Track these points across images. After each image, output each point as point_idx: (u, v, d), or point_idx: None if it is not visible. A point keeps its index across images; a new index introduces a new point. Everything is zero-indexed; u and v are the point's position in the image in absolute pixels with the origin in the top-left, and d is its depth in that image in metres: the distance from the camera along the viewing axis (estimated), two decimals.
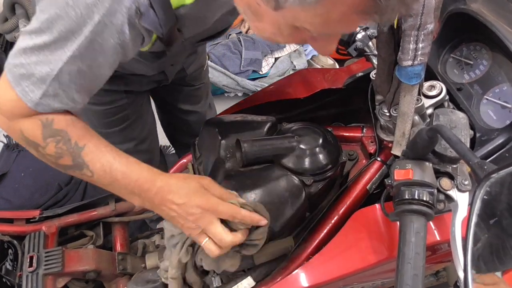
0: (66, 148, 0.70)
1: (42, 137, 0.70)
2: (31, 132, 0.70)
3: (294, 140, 0.86)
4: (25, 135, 0.70)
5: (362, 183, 0.88)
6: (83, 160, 0.70)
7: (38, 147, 0.70)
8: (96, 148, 0.71)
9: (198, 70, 1.34)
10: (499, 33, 0.82)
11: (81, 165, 0.70)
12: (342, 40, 0.91)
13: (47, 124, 0.70)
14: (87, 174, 0.71)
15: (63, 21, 0.61)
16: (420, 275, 0.59)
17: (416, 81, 0.71)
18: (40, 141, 0.70)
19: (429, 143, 0.63)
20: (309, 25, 0.54)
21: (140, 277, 0.97)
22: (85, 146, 0.71)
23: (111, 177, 0.71)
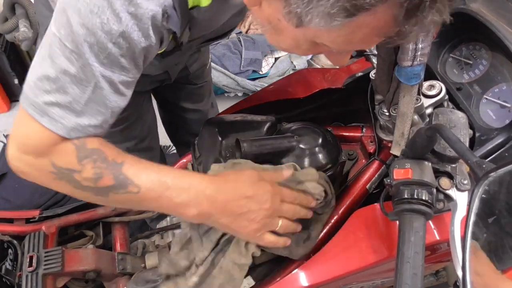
0: (105, 166, 0.65)
1: (77, 160, 0.64)
2: (64, 158, 0.64)
3: (294, 140, 0.86)
4: (57, 165, 0.64)
5: (361, 182, 0.88)
6: (125, 176, 0.65)
7: (74, 174, 0.64)
8: (136, 162, 0.67)
9: (201, 68, 1.34)
10: (498, 33, 0.82)
11: (125, 182, 0.65)
12: None
13: (81, 146, 0.65)
14: (133, 190, 0.65)
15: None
16: (419, 274, 0.59)
17: (416, 82, 0.71)
18: (75, 165, 0.64)
19: (428, 142, 0.63)
20: (330, 43, 0.55)
21: (140, 277, 0.97)
22: (124, 162, 0.66)
23: (161, 187, 0.66)
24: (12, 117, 2.44)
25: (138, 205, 0.69)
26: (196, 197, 0.67)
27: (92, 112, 0.64)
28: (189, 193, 0.67)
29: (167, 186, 0.66)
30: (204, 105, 1.46)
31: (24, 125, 0.64)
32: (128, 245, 1.12)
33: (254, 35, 2.49)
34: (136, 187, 0.65)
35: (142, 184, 0.65)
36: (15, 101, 2.52)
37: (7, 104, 2.47)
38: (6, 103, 2.46)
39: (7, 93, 2.46)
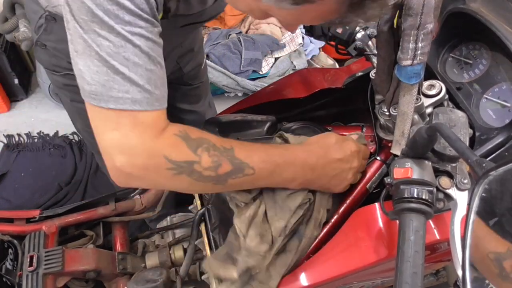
0: (219, 153, 0.66)
1: (191, 150, 0.64)
2: (177, 151, 0.64)
3: None
4: (173, 159, 0.63)
5: (361, 182, 0.88)
6: (240, 160, 0.67)
7: (194, 165, 0.64)
8: (243, 145, 0.69)
9: (196, 68, 1.34)
10: (498, 33, 0.82)
11: (241, 166, 0.67)
12: (342, 40, 0.91)
13: (185, 136, 0.65)
14: (249, 172, 0.67)
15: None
16: (420, 273, 0.59)
17: (416, 81, 0.71)
18: (193, 157, 0.64)
19: (428, 141, 0.63)
20: (280, 18, 0.61)
21: (140, 277, 0.97)
22: (233, 147, 0.67)
23: (272, 165, 0.69)
24: (12, 117, 2.44)
25: (250, 185, 0.71)
26: (301, 169, 0.73)
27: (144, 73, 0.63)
28: (295, 166, 0.72)
29: (277, 163, 0.70)
30: (201, 106, 1.46)
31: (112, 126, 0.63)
32: (128, 245, 1.13)
33: (254, 35, 2.49)
34: (252, 169, 0.67)
35: (255, 165, 0.68)
36: (15, 101, 2.53)
37: (7, 104, 2.47)
38: (6, 103, 2.46)
39: (7, 93, 2.46)
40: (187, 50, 1.26)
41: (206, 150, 0.65)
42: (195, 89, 1.39)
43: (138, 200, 1.16)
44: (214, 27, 2.61)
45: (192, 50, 1.27)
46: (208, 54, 2.39)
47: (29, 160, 2.16)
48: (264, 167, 0.69)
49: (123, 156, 0.63)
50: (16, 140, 2.27)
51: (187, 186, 0.67)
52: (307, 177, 0.74)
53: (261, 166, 0.68)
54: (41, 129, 2.32)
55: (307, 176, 0.74)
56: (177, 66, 1.25)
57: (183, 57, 1.25)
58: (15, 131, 2.30)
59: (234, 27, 2.60)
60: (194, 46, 1.29)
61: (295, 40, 2.51)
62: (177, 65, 1.25)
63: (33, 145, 2.24)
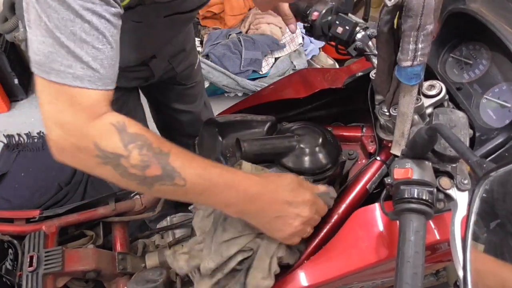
0: (151, 154, 0.62)
1: (122, 144, 0.61)
2: (107, 141, 0.61)
3: (294, 139, 0.86)
4: (102, 147, 0.61)
5: (361, 182, 0.88)
6: (173, 168, 0.63)
7: (121, 159, 0.61)
8: (181, 153, 0.65)
9: (189, 68, 1.34)
10: (498, 33, 0.82)
11: (172, 173, 0.63)
12: (342, 40, 0.91)
13: (121, 127, 0.62)
14: (180, 183, 0.63)
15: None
16: (420, 274, 0.59)
17: (416, 82, 0.71)
18: (122, 150, 0.61)
19: (429, 142, 0.63)
20: None
21: (140, 277, 0.97)
22: (170, 152, 0.64)
23: (207, 182, 0.65)
24: (12, 117, 2.44)
25: (181, 197, 0.67)
26: (240, 196, 0.68)
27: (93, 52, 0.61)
28: (232, 191, 0.67)
29: (213, 182, 0.65)
30: (196, 106, 1.46)
31: (51, 99, 0.62)
32: (128, 245, 1.13)
33: (254, 35, 2.49)
34: (183, 180, 0.63)
35: (188, 178, 0.64)
36: (15, 101, 2.53)
37: (7, 104, 2.47)
38: (6, 103, 2.46)
39: (7, 93, 2.46)
40: (179, 50, 1.26)
41: (138, 148, 0.62)
42: (190, 89, 1.39)
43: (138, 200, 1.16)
44: (214, 27, 2.61)
45: (184, 50, 1.27)
46: (208, 54, 2.39)
47: (29, 160, 2.16)
48: (197, 182, 0.64)
49: (58, 130, 0.62)
50: (16, 140, 2.27)
51: (111, 178, 0.64)
52: (245, 207, 0.69)
53: (194, 180, 0.64)
54: (41, 129, 2.32)
55: (245, 206, 0.69)
56: (169, 66, 1.25)
57: (175, 57, 1.25)
58: (15, 131, 2.30)
59: (234, 27, 2.60)
60: (185, 46, 1.28)
61: (295, 40, 2.51)
62: (169, 65, 1.25)
63: (33, 145, 2.24)
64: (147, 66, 1.13)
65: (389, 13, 0.66)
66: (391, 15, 0.67)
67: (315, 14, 0.94)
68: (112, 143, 0.61)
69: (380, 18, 0.68)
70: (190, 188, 0.64)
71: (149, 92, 1.39)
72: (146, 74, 1.16)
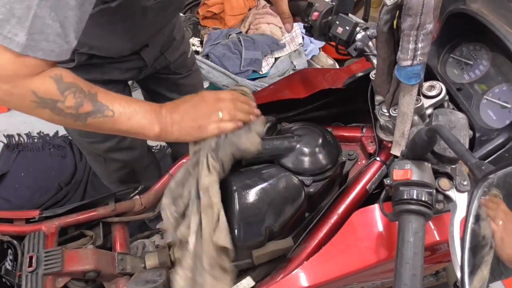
0: (83, 96, 0.73)
1: (59, 92, 0.71)
2: (45, 89, 0.70)
3: (294, 140, 0.86)
4: (39, 95, 0.70)
5: (361, 183, 0.88)
6: (101, 103, 0.75)
7: (57, 103, 0.71)
8: (106, 92, 0.77)
9: (182, 57, 1.35)
10: (499, 33, 0.82)
11: (102, 107, 0.74)
12: (342, 40, 0.91)
13: (58, 79, 0.71)
14: (109, 114, 0.75)
15: None
16: (419, 275, 0.59)
17: (416, 81, 0.71)
18: (58, 96, 0.71)
19: (428, 143, 0.63)
20: None
21: (140, 277, 0.97)
22: (97, 92, 0.75)
23: (130, 112, 0.77)
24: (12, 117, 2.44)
25: (110, 128, 0.77)
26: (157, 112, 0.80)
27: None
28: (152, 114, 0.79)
29: (135, 110, 0.77)
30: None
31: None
32: (128, 245, 1.12)
33: (254, 35, 2.49)
34: (111, 111, 0.75)
35: (115, 109, 0.76)
36: None
37: None
38: None
39: None
40: (170, 40, 1.28)
41: (72, 93, 0.72)
42: (185, 78, 1.40)
43: (137, 200, 1.16)
44: (214, 27, 2.61)
45: (174, 39, 1.30)
46: (208, 54, 2.39)
47: (29, 160, 2.16)
48: (123, 112, 0.76)
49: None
50: (16, 140, 2.27)
51: (48, 118, 0.73)
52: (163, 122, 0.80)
53: (120, 110, 0.76)
54: (41, 129, 2.32)
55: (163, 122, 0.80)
56: (162, 56, 1.27)
57: (167, 46, 1.27)
58: (15, 131, 2.30)
59: (234, 27, 2.59)
60: (176, 35, 1.31)
61: (295, 40, 2.50)
62: (161, 55, 1.27)
63: (33, 145, 2.24)
64: (138, 55, 1.14)
65: (389, 12, 0.66)
66: (391, 14, 0.67)
67: (315, 14, 0.94)
68: (50, 92, 0.71)
69: (380, 18, 0.68)
70: (118, 117, 0.76)
71: (146, 86, 1.39)
72: (139, 64, 1.17)
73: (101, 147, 1.31)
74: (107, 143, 1.27)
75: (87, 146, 1.34)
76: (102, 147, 1.31)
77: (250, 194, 0.78)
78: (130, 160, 1.40)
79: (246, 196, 0.78)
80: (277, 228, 0.81)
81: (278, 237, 0.84)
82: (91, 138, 1.28)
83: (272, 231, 0.80)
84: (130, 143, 1.35)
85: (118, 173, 1.46)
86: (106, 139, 1.27)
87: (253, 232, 0.79)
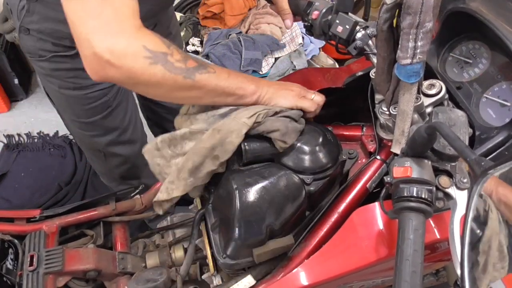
0: (186, 54, 0.76)
1: (165, 45, 0.73)
2: (154, 43, 0.72)
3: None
4: (150, 48, 0.71)
5: (362, 181, 0.88)
6: (202, 61, 0.78)
7: (167, 56, 0.72)
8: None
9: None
10: (498, 32, 0.82)
11: (204, 64, 0.77)
12: (342, 39, 0.91)
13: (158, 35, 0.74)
14: (211, 70, 0.78)
15: None
16: (419, 272, 0.59)
17: (415, 80, 0.71)
18: (166, 49, 0.73)
19: (428, 140, 0.63)
20: None
21: (140, 276, 0.97)
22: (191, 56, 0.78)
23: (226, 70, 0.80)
24: (12, 117, 2.45)
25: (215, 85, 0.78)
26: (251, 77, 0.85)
27: None
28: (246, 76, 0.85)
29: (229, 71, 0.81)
30: None
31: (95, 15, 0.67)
32: (129, 244, 1.13)
33: (254, 35, 2.49)
34: (212, 69, 0.78)
35: (216, 68, 0.79)
36: (15, 101, 2.53)
37: (7, 104, 2.47)
38: (6, 103, 2.46)
39: (7, 93, 2.47)
40: (167, 34, 1.29)
41: (176, 49, 0.75)
42: None
43: (138, 200, 1.16)
44: (214, 27, 2.62)
45: (170, 34, 1.31)
46: (208, 54, 2.39)
47: (29, 160, 2.16)
48: (222, 70, 0.80)
49: (104, 42, 0.68)
50: (16, 140, 2.27)
51: (160, 77, 0.73)
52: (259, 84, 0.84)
53: (219, 70, 0.79)
54: (41, 129, 2.32)
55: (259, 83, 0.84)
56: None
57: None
58: (15, 131, 2.31)
59: (234, 27, 2.60)
60: (172, 29, 1.33)
61: (295, 40, 2.51)
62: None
63: (33, 145, 2.24)
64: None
65: (389, 11, 0.66)
66: (391, 13, 0.67)
67: (315, 13, 0.94)
68: (158, 45, 0.72)
69: (380, 16, 0.68)
70: (219, 74, 0.78)
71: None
72: None
73: (102, 141, 1.31)
74: (108, 136, 1.28)
75: (88, 140, 1.34)
76: (103, 141, 1.31)
77: (250, 193, 0.78)
78: (130, 154, 1.40)
79: (247, 195, 0.78)
80: (277, 227, 0.81)
81: (278, 236, 0.84)
82: (91, 132, 1.28)
83: (273, 229, 0.80)
84: (131, 136, 1.36)
85: (119, 169, 1.46)
86: (106, 132, 1.27)
87: (253, 230, 0.79)
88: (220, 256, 0.84)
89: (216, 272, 0.91)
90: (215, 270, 0.91)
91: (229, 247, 0.82)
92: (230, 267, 0.84)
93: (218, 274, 0.92)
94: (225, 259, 0.83)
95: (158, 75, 0.72)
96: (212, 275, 0.92)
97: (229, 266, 0.83)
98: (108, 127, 1.27)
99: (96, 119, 1.22)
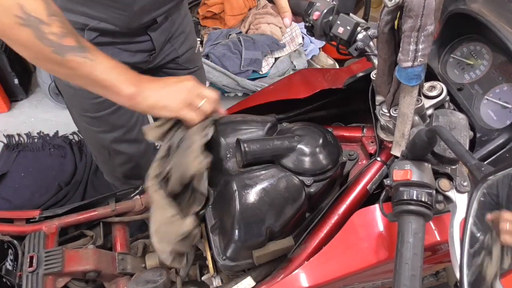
0: (69, 30, 0.70)
1: (46, 13, 0.67)
2: (33, 6, 0.66)
3: (294, 140, 0.86)
4: (26, 10, 0.65)
5: (362, 183, 0.88)
6: (86, 45, 0.72)
7: (41, 25, 0.67)
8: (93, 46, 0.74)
9: (190, 51, 1.36)
10: (499, 33, 0.82)
11: (85, 49, 0.72)
12: (343, 40, 0.91)
13: (48, 2, 0.68)
14: (89, 57, 0.72)
15: None
16: (418, 276, 0.59)
17: (416, 82, 0.71)
18: (45, 18, 0.67)
19: (428, 144, 0.63)
20: None
21: (140, 277, 0.97)
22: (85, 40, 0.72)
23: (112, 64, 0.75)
24: (12, 117, 2.44)
25: (87, 72, 0.73)
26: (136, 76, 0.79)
27: None
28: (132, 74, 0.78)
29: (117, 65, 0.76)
30: None
31: None
32: (129, 245, 1.13)
33: (254, 35, 2.49)
34: (94, 56, 0.73)
35: (98, 56, 0.73)
36: (15, 101, 2.53)
37: (7, 104, 2.47)
38: (6, 103, 2.46)
39: (7, 93, 2.46)
40: (179, 32, 1.28)
41: (59, 21, 0.68)
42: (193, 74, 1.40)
43: (138, 200, 1.16)
44: (214, 27, 2.61)
45: (183, 32, 1.30)
46: (208, 54, 2.39)
47: (29, 160, 2.15)
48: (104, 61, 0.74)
49: None
50: (16, 140, 2.27)
51: (24, 40, 0.68)
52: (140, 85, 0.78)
53: (102, 59, 0.74)
54: (41, 129, 2.32)
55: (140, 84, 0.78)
56: (171, 47, 1.28)
57: (176, 38, 1.27)
58: (15, 131, 2.30)
59: (234, 27, 2.59)
60: (185, 28, 1.31)
61: (295, 40, 2.50)
62: (171, 46, 1.28)
63: (33, 145, 2.24)
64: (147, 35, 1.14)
65: (390, 13, 0.66)
66: (392, 15, 0.67)
67: (316, 14, 0.94)
68: (37, 9, 0.66)
69: (381, 19, 0.68)
70: (97, 65, 0.73)
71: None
72: (148, 46, 1.17)
73: (108, 137, 1.31)
74: (114, 133, 1.28)
75: (94, 136, 1.33)
76: (109, 137, 1.31)
77: (250, 195, 0.78)
78: (135, 153, 1.40)
79: (247, 197, 0.78)
80: (277, 228, 0.81)
81: (278, 237, 0.84)
82: (98, 127, 1.28)
83: (273, 231, 0.80)
84: (137, 135, 1.35)
85: (123, 167, 1.46)
86: (113, 129, 1.27)
87: (253, 232, 0.79)
88: (220, 257, 0.83)
89: (215, 274, 0.91)
90: (215, 272, 0.91)
91: (229, 248, 0.82)
92: (230, 269, 0.84)
93: (218, 275, 0.92)
94: (225, 260, 0.83)
95: (23, 37, 0.67)
96: (211, 277, 0.92)
97: (229, 267, 0.83)
98: (115, 124, 1.27)
99: (103, 114, 1.22)
